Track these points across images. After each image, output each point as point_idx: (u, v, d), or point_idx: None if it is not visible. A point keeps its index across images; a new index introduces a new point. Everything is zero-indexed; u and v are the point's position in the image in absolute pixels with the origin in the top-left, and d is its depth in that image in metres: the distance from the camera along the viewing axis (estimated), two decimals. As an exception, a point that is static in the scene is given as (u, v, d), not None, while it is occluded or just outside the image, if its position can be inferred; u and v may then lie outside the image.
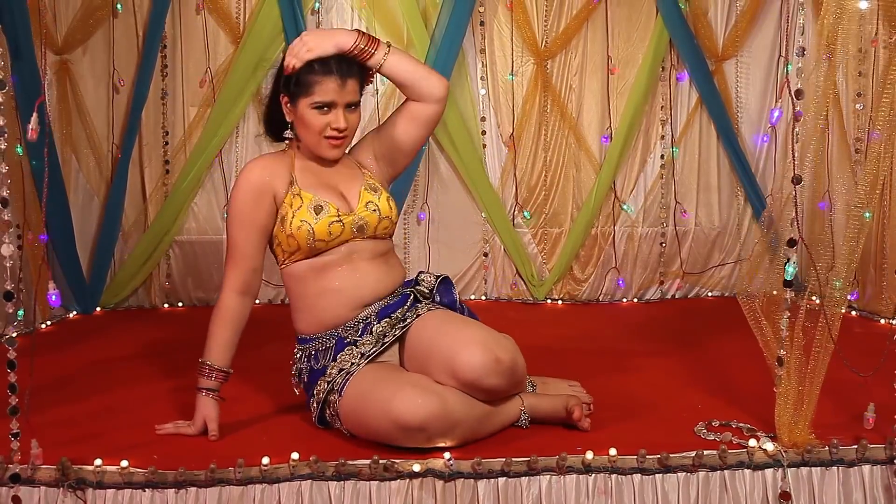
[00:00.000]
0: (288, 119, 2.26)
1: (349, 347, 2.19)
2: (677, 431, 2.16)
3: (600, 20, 4.06)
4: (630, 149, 4.11)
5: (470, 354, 2.04)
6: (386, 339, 2.19)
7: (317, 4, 3.94)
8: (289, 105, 2.23)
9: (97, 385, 2.66)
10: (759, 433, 2.10)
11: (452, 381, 2.06)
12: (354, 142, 2.42)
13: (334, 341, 2.21)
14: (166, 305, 3.99)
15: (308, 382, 2.24)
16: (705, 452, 2.01)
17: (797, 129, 1.97)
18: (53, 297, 2.11)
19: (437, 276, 2.36)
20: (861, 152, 3.54)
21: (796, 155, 1.96)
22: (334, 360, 2.19)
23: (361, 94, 2.26)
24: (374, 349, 2.18)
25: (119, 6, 3.81)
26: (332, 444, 2.09)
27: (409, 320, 2.21)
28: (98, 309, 3.86)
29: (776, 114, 3.97)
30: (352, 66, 2.21)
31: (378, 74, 2.27)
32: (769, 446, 2.03)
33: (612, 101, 4.09)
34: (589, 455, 1.99)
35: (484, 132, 4.08)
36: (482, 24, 4.03)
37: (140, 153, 3.95)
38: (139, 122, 3.88)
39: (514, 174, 4.10)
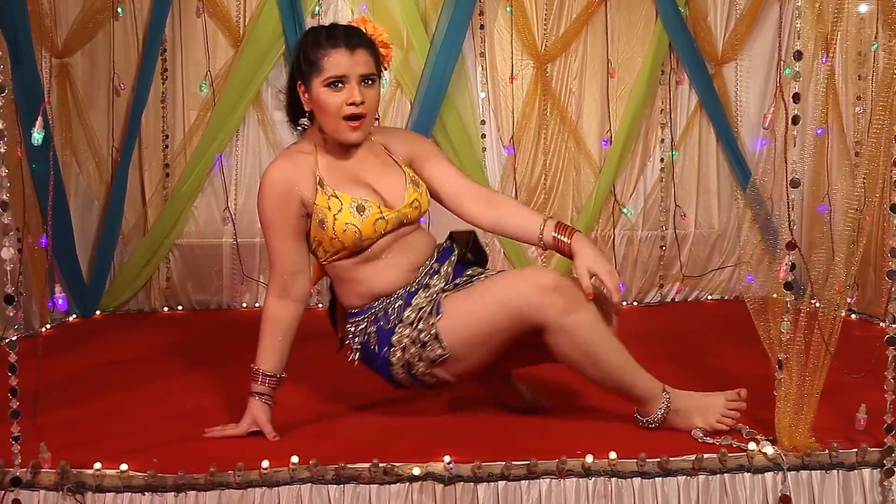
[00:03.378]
0: (307, 108, 2.20)
1: (422, 290, 2.20)
2: (677, 435, 2.16)
3: (600, 24, 4.07)
4: (630, 152, 4.12)
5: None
6: (457, 280, 2.24)
7: (317, 8, 3.95)
8: (305, 92, 2.19)
9: (97, 388, 2.66)
10: (759, 436, 2.10)
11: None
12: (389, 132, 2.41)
13: (403, 295, 2.20)
14: (166, 309, 3.99)
15: (379, 346, 2.19)
16: (705, 456, 2.01)
17: (794, 133, 1.97)
18: (60, 300, 2.11)
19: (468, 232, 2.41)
20: (861, 156, 3.54)
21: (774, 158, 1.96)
22: (409, 304, 2.18)
23: (379, 72, 2.21)
24: (448, 283, 2.23)
25: (120, 10, 3.82)
26: (331, 447, 2.09)
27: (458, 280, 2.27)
28: (98, 312, 3.86)
29: (769, 117, 3.95)
30: (361, 38, 2.18)
31: (385, 64, 2.26)
32: (769, 450, 2.02)
33: (611, 105, 4.09)
34: (589, 458, 1.99)
35: (484, 135, 4.08)
36: (482, 27, 4.03)
37: (140, 157, 3.96)
38: (139, 126, 3.89)
39: (514, 177, 4.10)
